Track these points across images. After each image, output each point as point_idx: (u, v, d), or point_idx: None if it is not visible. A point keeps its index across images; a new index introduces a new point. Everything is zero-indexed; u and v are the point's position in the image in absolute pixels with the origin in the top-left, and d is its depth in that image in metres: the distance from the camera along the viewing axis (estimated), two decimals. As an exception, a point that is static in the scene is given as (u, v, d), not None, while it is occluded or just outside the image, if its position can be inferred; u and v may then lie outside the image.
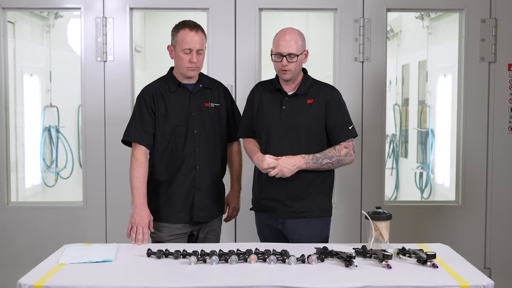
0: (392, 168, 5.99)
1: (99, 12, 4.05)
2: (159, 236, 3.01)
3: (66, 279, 2.25)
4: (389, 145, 5.86)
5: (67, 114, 5.44)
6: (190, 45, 2.93)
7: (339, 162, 2.91)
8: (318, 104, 2.93)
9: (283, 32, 2.93)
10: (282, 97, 2.98)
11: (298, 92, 2.96)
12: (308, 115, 2.92)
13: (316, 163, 2.86)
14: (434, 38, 5.51)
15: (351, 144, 2.95)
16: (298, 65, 2.92)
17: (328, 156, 2.88)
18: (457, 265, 2.42)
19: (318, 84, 3.02)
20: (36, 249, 4.06)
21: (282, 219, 2.96)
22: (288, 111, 2.94)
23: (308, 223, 2.94)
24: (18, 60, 4.90)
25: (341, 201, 4.11)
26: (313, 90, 2.97)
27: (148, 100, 3.01)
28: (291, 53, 2.87)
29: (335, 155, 2.89)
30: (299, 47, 2.90)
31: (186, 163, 3.01)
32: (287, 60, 2.87)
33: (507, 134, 4.12)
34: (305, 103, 2.94)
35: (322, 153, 2.89)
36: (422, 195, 5.64)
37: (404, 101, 6.12)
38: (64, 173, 5.44)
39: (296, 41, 2.89)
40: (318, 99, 2.94)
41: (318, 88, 2.99)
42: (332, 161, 2.89)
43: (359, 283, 2.18)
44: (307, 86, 2.97)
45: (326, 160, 2.88)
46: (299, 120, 2.92)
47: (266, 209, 3.01)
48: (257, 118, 3.03)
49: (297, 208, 2.93)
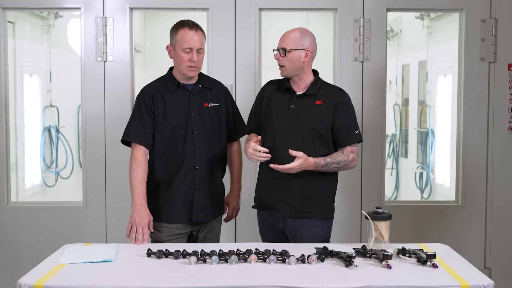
0: (392, 168, 5.99)
1: (99, 12, 4.05)
2: (158, 236, 3.01)
3: (66, 279, 2.25)
4: (389, 145, 5.86)
5: (67, 114, 5.44)
6: (191, 44, 2.93)
7: (345, 167, 2.91)
8: (327, 106, 2.92)
9: (288, 30, 2.95)
10: (291, 96, 2.97)
11: (307, 92, 2.94)
12: (316, 115, 2.91)
13: (324, 167, 2.85)
14: (434, 38, 5.51)
15: (356, 149, 2.95)
16: (291, 63, 2.89)
17: (337, 161, 2.87)
18: (457, 265, 2.42)
19: (329, 86, 3.02)
20: (36, 249, 4.06)
21: (283, 218, 2.96)
22: (296, 111, 2.93)
23: (309, 223, 2.94)
24: (18, 60, 4.90)
25: (341, 201, 4.11)
26: (323, 91, 2.95)
27: (148, 100, 3.01)
28: (283, 47, 2.87)
29: (343, 159, 2.88)
30: (295, 43, 2.87)
31: (185, 163, 3.01)
32: (279, 54, 2.88)
33: (507, 134, 4.11)
34: (313, 103, 2.93)
35: (332, 157, 2.87)
36: (422, 195, 5.64)
37: (404, 101, 6.12)
38: (64, 173, 5.44)
39: (293, 37, 2.88)
40: (328, 101, 2.92)
41: (328, 90, 2.97)
42: (339, 166, 2.88)
43: (359, 283, 2.18)
44: (317, 87, 2.96)
45: (334, 164, 2.87)
46: (306, 120, 2.91)
47: (268, 207, 3.01)
48: (265, 116, 3.02)
49: (299, 208, 2.92)
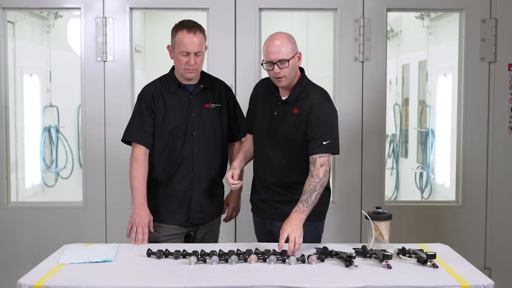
0: (392, 168, 5.99)
1: (99, 12, 4.05)
2: (154, 236, 2.99)
3: (66, 279, 2.25)
4: (389, 145, 5.86)
5: (67, 114, 5.44)
6: (188, 48, 2.88)
7: (323, 186, 2.73)
8: (302, 115, 2.80)
9: (271, 38, 2.81)
10: (276, 101, 2.90)
11: (288, 99, 2.86)
12: (291, 125, 2.82)
13: (309, 206, 2.67)
14: (434, 38, 5.51)
15: (327, 159, 2.73)
16: (292, 70, 2.80)
17: (312, 190, 2.67)
18: (457, 265, 2.42)
19: (309, 91, 2.85)
20: (36, 249, 4.05)
21: (270, 220, 2.96)
22: (277, 118, 2.87)
23: None
24: (18, 60, 4.90)
25: (341, 201, 4.11)
26: (302, 97, 2.84)
27: (148, 99, 3.00)
28: (282, 59, 2.75)
29: (317, 183, 2.68)
30: (289, 51, 2.77)
31: (184, 165, 2.99)
32: (278, 67, 2.76)
33: (507, 134, 4.11)
34: (291, 112, 2.83)
35: (307, 193, 2.67)
36: (422, 195, 5.64)
37: (404, 101, 6.12)
38: (64, 173, 5.44)
39: (286, 46, 2.77)
40: (303, 109, 2.81)
41: (306, 95, 2.84)
42: (318, 191, 2.70)
43: (359, 283, 2.18)
44: (299, 91, 2.85)
45: (313, 194, 2.67)
46: (283, 128, 2.84)
47: (257, 208, 3.03)
48: (254, 118, 3.01)
49: (283, 211, 2.82)
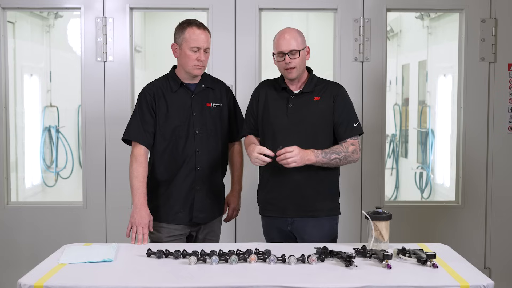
0: (392, 168, 5.99)
1: (99, 12, 4.05)
2: (157, 237, 3.00)
3: (66, 279, 2.25)
4: (389, 145, 5.86)
5: (67, 114, 5.44)
6: (199, 43, 2.92)
7: (346, 159, 2.88)
8: (326, 101, 2.93)
9: (281, 32, 2.94)
10: (288, 95, 2.97)
11: (304, 90, 2.95)
12: (315, 111, 2.92)
13: (325, 157, 2.82)
14: (434, 38, 5.51)
15: (357, 141, 2.94)
16: (302, 62, 2.91)
17: (336, 152, 2.86)
18: (457, 265, 2.42)
19: (324, 82, 3.02)
20: (36, 249, 4.06)
21: (291, 219, 2.95)
22: (294, 109, 2.93)
23: (317, 222, 2.94)
24: (18, 60, 4.90)
25: (341, 201, 4.07)
26: (319, 87, 2.97)
27: (149, 99, 3.00)
28: (293, 50, 2.87)
29: (342, 151, 2.87)
30: (299, 43, 2.90)
31: (186, 164, 2.99)
32: (289, 57, 2.87)
33: (507, 134, 4.11)
34: (312, 100, 2.93)
35: (330, 149, 2.87)
36: (422, 195, 5.64)
37: (404, 101, 6.12)
38: (64, 173, 5.44)
39: (296, 38, 2.90)
40: (325, 96, 2.94)
41: (324, 85, 2.99)
42: (340, 157, 2.86)
43: (359, 283, 2.18)
44: (313, 84, 2.97)
45: (334, 155, 2.85)
46: (306, 116, 2.91)
47: (274, 208, 2.98)
48: (263, 116, 3.01)
49: (305, 207, 2.92)
